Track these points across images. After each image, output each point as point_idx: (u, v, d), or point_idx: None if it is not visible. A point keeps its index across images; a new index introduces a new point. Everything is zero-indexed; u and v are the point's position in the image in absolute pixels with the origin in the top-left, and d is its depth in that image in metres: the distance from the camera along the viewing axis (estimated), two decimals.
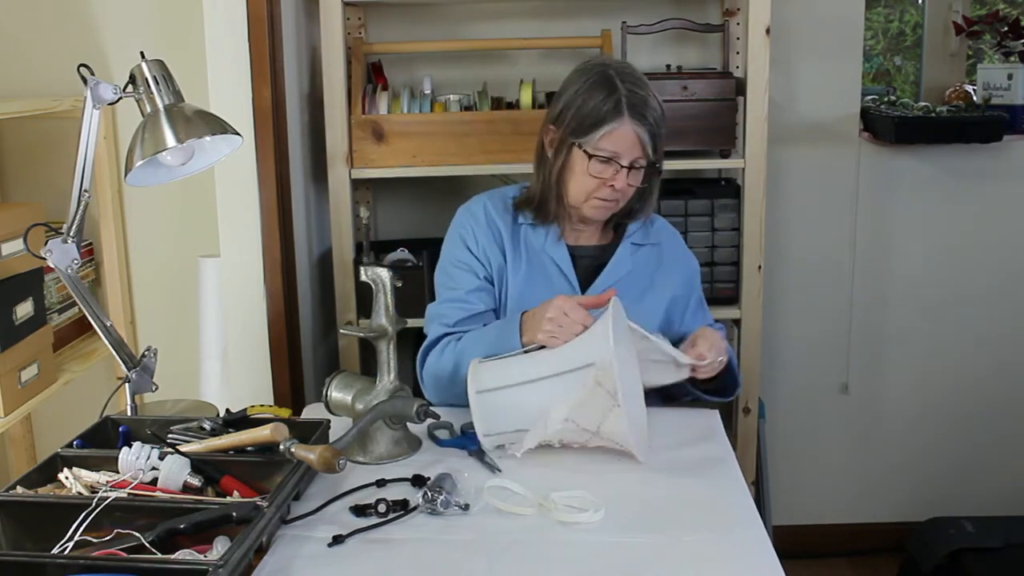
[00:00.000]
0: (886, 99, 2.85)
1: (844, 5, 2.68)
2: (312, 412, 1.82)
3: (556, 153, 1.80)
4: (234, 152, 1.70)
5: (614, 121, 1.72)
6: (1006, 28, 2.73)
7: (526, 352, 1.62)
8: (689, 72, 2.47)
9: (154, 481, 1.40)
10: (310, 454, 1.36)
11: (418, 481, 1.50)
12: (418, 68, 2.68)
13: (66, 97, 2.20)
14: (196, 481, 1.40)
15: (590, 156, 1.75)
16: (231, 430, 1.55)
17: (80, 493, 1.38)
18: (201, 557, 1.23)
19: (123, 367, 1.70)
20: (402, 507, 1.41)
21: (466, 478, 1.47)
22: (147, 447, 1.43)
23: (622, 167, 1.74)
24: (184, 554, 1.24)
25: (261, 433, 1.47)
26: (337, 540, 1.33)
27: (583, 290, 1.85)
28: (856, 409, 2.93)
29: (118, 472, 1.41)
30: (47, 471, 1.45)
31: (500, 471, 1.53)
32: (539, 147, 1.86)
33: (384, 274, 1.61)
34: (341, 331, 2.01)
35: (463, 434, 1.67)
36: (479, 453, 1.59)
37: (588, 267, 1.87)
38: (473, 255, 1.87)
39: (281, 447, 1.39)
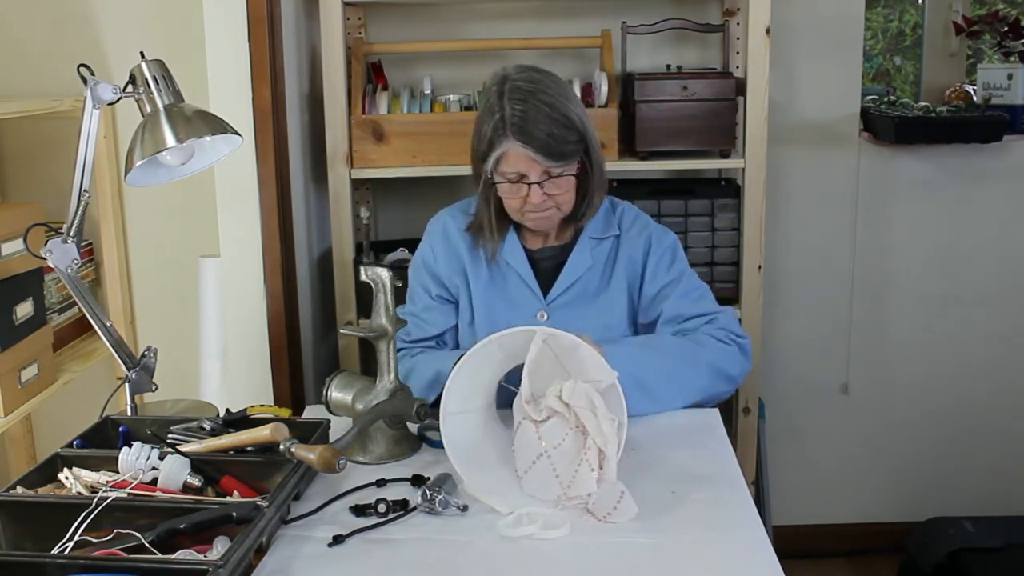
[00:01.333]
0: (886, 99, 2.85)
1: (844, 5, 2.68)
2: (312, 412, 1.82)
3: (477, 179, 1.81)
4: (234, 152, 1.70)
5: (501, 145, 1.70)
6: (1006, 28, 2.73)
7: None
8: (689, 72, 2.47)
9: (154, 481, 1.40)
10: (310, 454, 1.36)
11: (418, 481, 1.50)
12: (418, 68, 2.68)
13: (66, 97, 2.20)
14: (196, 481, 1.40)
15: (497, 183, 1.75)
16: (231, 430, 1.55)
17: (80, 493, 1.38)
18: (201, 557, 1.23)
19: (123, 367, 1.70)
20: (402, 507, 1.41)
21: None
22: (147, 447, 1.43)
23: (531, 184, 1.72)
24: (184, 554, 1.24)
25: (261, 433, 1.47)
26: (337, 540, 1.33)
27: (544, 292, 1.84)
28: (856, 409, 2.93)
29: (118, 472, 1.41)
30: (47, 471, 1.45)
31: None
32: (472, 171, 1.85)
33: (384, 274, 1.61)
34: (341, 331, 2.01)
35: None
36: None
37: (549, 268, 1.86)
38: (429, 273, 1.90)
39: (281, 447, 1.39)
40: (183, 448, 1.47)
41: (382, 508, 1.40)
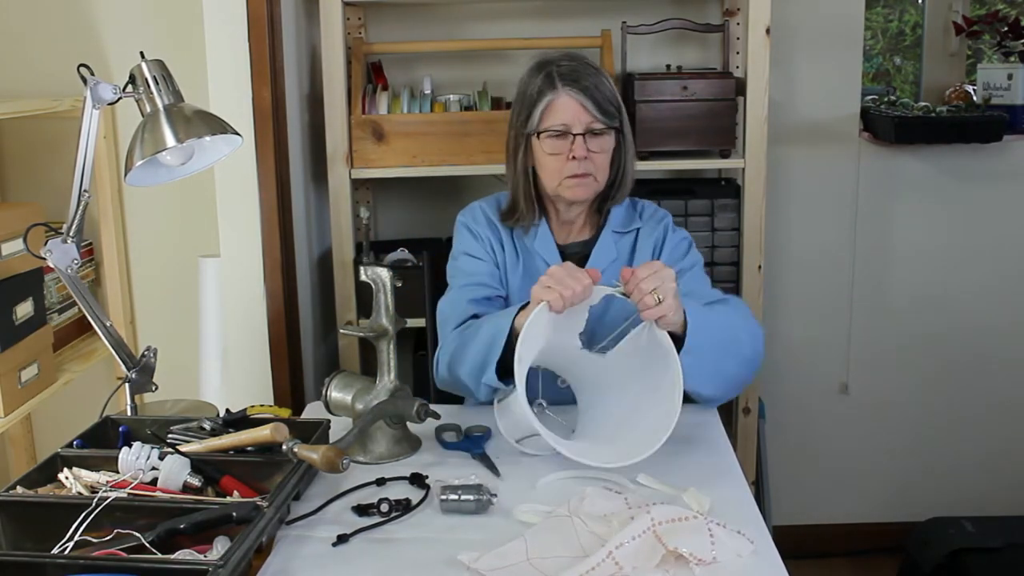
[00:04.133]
0: (886, 99, 2.85)
1: (844, 5, 2.69)
2: (312, 412, 1.82)
3: (516, 150, 1.84)
4: (234, 152, 1.69)
5: (549, 94, 1.76)
6: (1006, 28, 2.73)
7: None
8: (689, 72, 2.47)
9: (154, 481, 1.40)
10: (313, 454, 1.36)
11: (416, 480, 1.50)
12: (418, 68, 2.68)
13: (66, 97, 2.20)
14: (196, 481, 1.40)
15: (542, 136, 1.77)
16: (231, 430, 1.55)
17: (80, 493, 1.38)
18: (201, 557, 1.23)
19: (123, 367, 1.70)
20: (404, 506, 1.41)
21: (472, 479, 1.47)
22: (147, 447, 1.43)
23: (575, 135, 1.75)
24: (184, 554, 1.24)
25: (261, 433, 1.47)
26: (341, 539, 1.33)
27: None
28: (856, 409, 2.93)
29: (118, 472, 1.41)
30: (47, 471, 1.45)
31: (500, 475, 1.53)
32: (507, 152, 1.88)
33: (384, 274, 1.61)
34: (341, 331, 2.02)
35: (467, 437, 1.67)
36: (483, 457, 1.59)
37: (575, 262, 1.86)
38: (483, 247, 1.90)
39: (284, 447, 1.39)
40: (183, 448, 1.47)
41: (384, 507, 1.40)
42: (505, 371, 1.62)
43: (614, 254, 1.87)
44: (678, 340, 1.58)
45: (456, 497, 1.40)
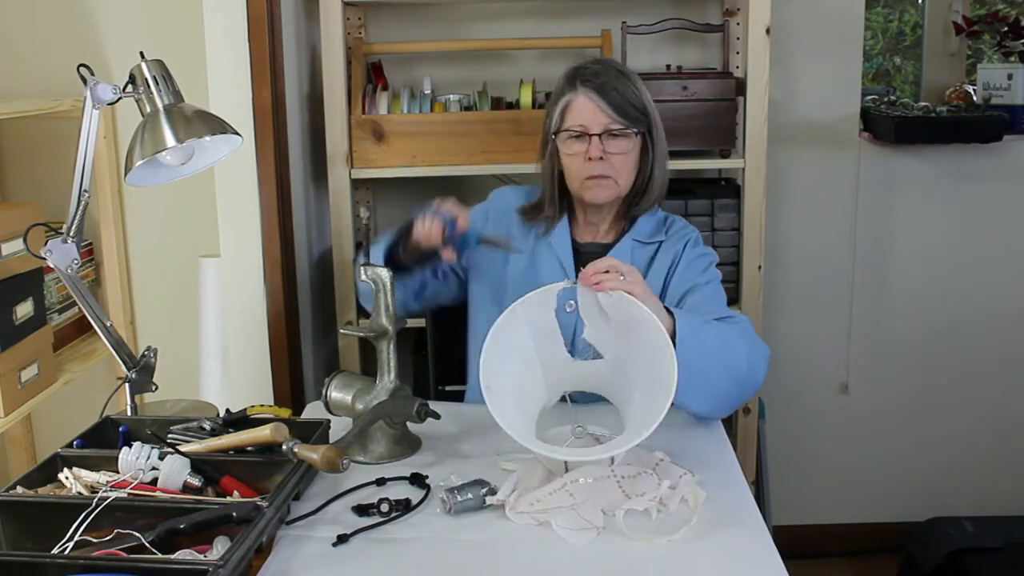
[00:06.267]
0: (886, 99, 2.85)
1: (844, 5, 2.69)
2: (312, 412, 1.82)
3: (545, 151, 1.87)
4: (234, 152, 1.69)
5: (568, 94, 1.79)
6: (1006, 28, 2.73)
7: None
8: (689, 72, 2.47)
9: (154, 481, 1.40)
10: (313, 454, 1.36)
11: (416, 480, 1.50)
12: (418, 68, 2.68)
13: (66, 97, 2.20)
14: (196, 481, 1.40)
15: (561, 136, 1.79)
16: (231, 430, 1.55)
17: (80, 493, 1.38)
18: (201, 557, 1.23)
19: (123, 367, 1.70)
20: (404, 506, 1.41)
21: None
22: (147, 447, 1.43)
23: (591, 135, 1.77)
24: (184, 554, 1.24)
25: (261, 433, 1.47)
26: (341, 539, 1.33)
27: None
28: (856, 409, 2.93)
29: (118, 472, 1.41)
30: (47, 471, 1.45)
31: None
32: (539, 155, 1.91)
33: (384, 274, 1.61)
34: (341, 331, 2.02)
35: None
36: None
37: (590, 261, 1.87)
38: (500, 215, 1.94)
39: (284, 447, 1.39)
40: (183, 448, 1.47)
41: (384, 507, 1.40)
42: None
43: (629, 261, 1.83)
44: None
45: (460, 499, 1.40)
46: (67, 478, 1.41)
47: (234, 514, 1.27)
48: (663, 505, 1.38)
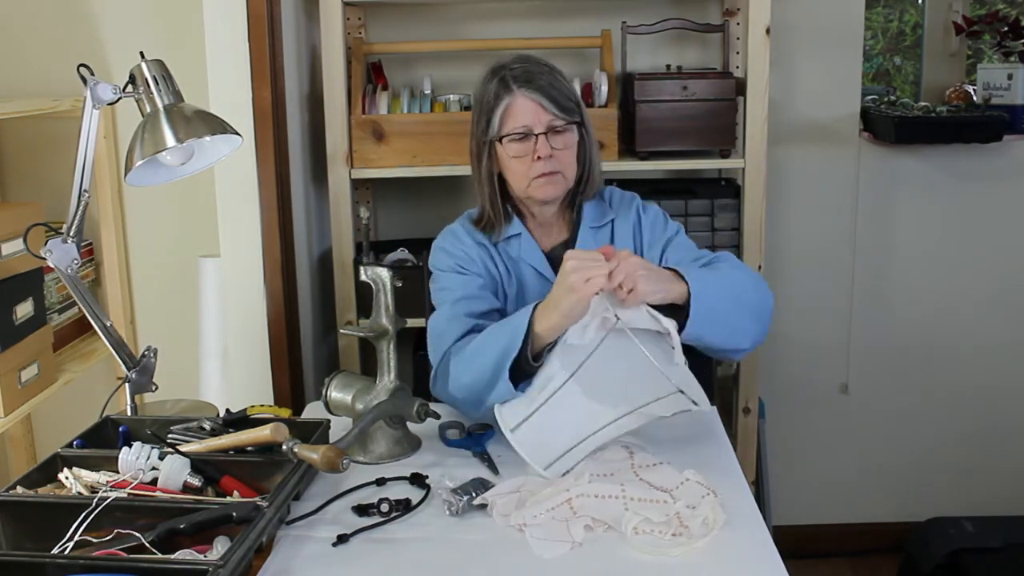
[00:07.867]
0: (886, 99, 2.85)
1: (844, 5, 2.69)
2: (312, 412, 1.82)
3: (480, 158, 1.82)
4: (234, 152, 1.70)
5: (506, 98, 1.74)
6: (1006, 28, 2.73)
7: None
8: (689, 72, 2.47)
9: (154, 481, 1.40)
10: (313, 454, 1.36)
11: (417, 480, 1.50)
12: (418, 68, 2.68)
13: (66, 97, 2.20)
14: (196, 481, 1.40)
15: (504, 141, 1.76)
16: (231, 430, 1.55)
17: (80, 493, 1.38)
18: (201, 557, 1.23)
19: (123, 367, 1.70)
20: (404, 506, 1.41)
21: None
22: (147, 447, 1.43)
23: (537, 135, 1.74)
24: (184, 554, 1.24)
25: (261, 433, 1.47)
26: (342, 539, 1.33)
27: None
28: (856, 409, 2.93)
29: (118, 472, 1.41)
30: (47, 471, 1.45)
31: (499, 474, 1.53)
32: (471, 161, 1.85)
33: (384, 274, 1.61)
34: (341, 331, 2.01)
35: (470, 435, 1.67)
36: (483, 455, 1.59)
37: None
38: (472, 263, 1.83)
39: (284, 447, 1.39)
40: (183, 448, 1.47)
41: (385, 507, 1.40)
42: (516, 377, 1.57)
43: (594, 248, 1.84)
44: (683, 310, 1.54)
45: (465, 500, 1.40)
46: (67, 478, 1.41)
47: (234, 514, 1.27)
48: (684, 527, 1.33)
